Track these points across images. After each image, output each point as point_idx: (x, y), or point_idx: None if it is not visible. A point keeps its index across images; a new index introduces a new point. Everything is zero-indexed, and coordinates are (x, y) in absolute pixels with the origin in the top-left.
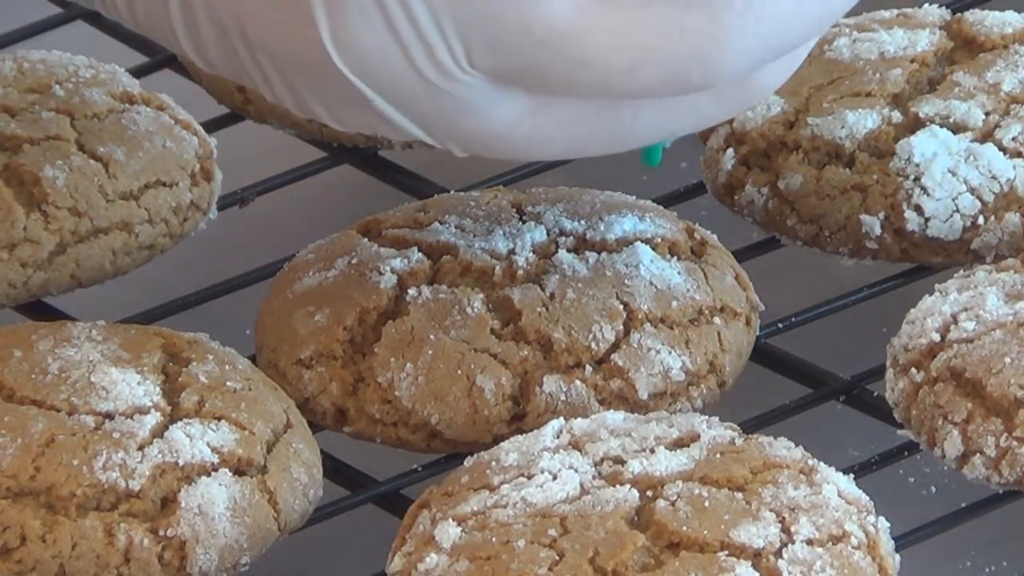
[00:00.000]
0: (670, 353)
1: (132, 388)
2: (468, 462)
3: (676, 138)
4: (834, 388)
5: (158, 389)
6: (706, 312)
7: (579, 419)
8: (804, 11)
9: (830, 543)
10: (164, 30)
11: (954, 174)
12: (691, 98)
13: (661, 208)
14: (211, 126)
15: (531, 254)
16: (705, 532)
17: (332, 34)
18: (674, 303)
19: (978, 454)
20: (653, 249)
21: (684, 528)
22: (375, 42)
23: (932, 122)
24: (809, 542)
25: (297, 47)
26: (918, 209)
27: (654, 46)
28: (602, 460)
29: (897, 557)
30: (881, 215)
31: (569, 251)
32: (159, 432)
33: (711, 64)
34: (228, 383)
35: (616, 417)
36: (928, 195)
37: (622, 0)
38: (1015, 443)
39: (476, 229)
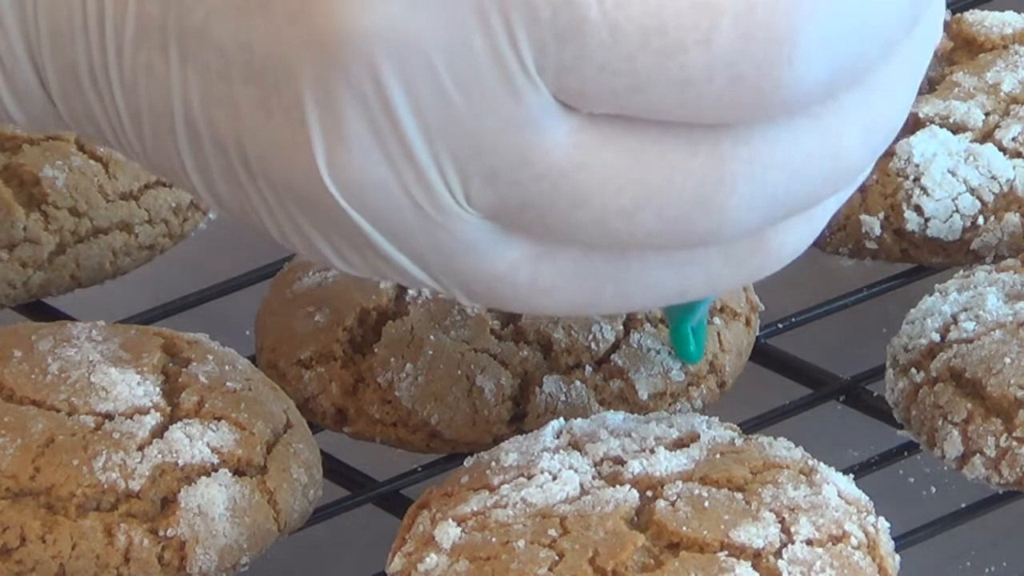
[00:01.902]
0: (670, 353)
1: (132, 388)
2: (468, 462)
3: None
4: (834, 388)
5: (158, 389)
6: (706, 313)
7: (579, 419)
8: (814, 166)
9: (830, 543)
10: (175, 165)
11: (954, 174)
12: (702, 256)
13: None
14: None
15: None
16: (705, 532)
17: (328, 162)
18: None
19: (978, 454)
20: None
21: (684, 528)
22: (371, 173)
23: (932, 122)
24: (809, 542)
25: (295, 174)
26: (918, 209)
27: (655, 188)
28: (602, 460)
29: (897, 557)
30: (881, 215)
31: None
32: (159, 432)
33: (715, 212)
34: (228, 383)
35: (616, 417)
36: (928, 195)
37: (623, 139)
38: (1015, 443)
39: None
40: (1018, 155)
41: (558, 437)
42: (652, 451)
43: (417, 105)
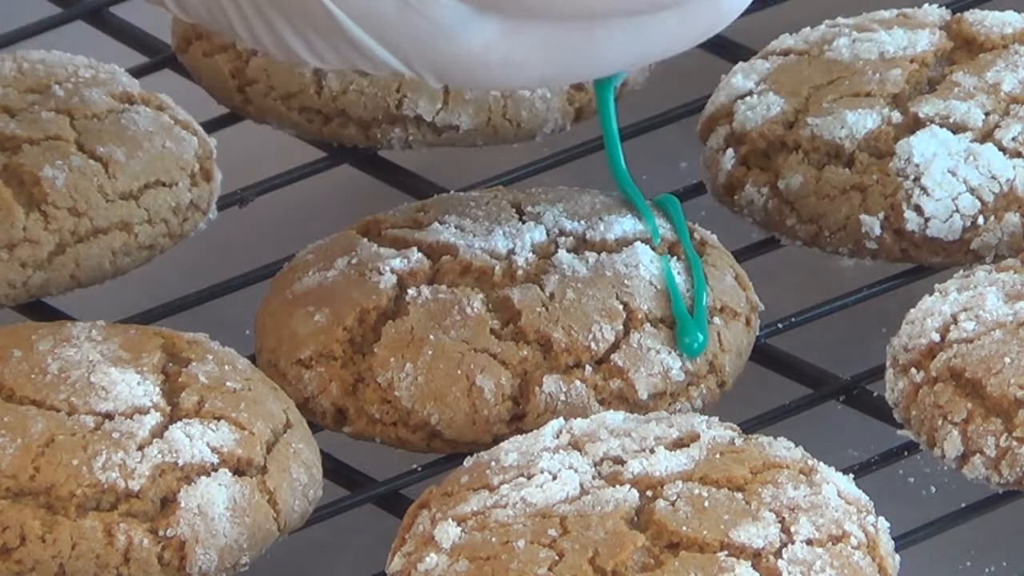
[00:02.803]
0: (670, 353)
1: (132, 388)
2: (468, 462)
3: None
4: (834, 388)
5: (158, 389)
6: (706, 312)
7: (579, 419)
8: None
9: (830, 543)
10: None
11: (954, 174)
12: (661, 19)
13: (661, 208)
14: (211, 126)
15: (531, 254)
16: (705, 532)
17: None
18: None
19: (978, 454)
20: (653, 249)
21: (684, 528)
22: None
23: (932, 122)
24: (809, 542)
25: None
26: (918, 209)
27: None
28: (602, 460)
29: (897, 557)
30: (881, 215)
31: (569, 251)
32: (159, 432)
33: None
34: (228, 383)
35: (616, 417)
36: (928, 195)
37: None
38: (1015, 443)
39: (476, 229)
40: (1018, 155)
41: (558, 437)
42: (652, 451)
43: None
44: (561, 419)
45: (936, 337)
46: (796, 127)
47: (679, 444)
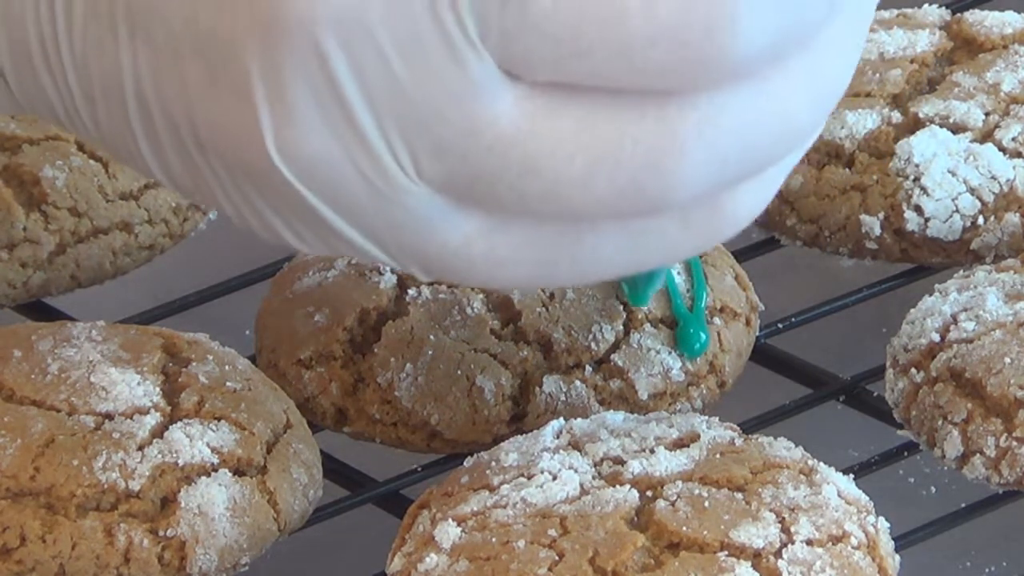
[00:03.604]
0: (670, 353)
1: (132, 388)
2: (468, 462)
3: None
4: (834, 388)
5: (158, 389)
6: (706, 312)
7: (579, 419)
8: (764, 128)
9: (830, 543)
10: (129, 144)
11: (954, 174)
12: (658, 224)
13: None
14: None
15: None
16: (705, 532)
17: (275, 138)
18: None
19: (978, 454)
20: None
21: (684, 528)
22: (319, 148)
23: (932, 122)
24: (809, 542)
25: (244, 152)
26: (918, 209)
27: (606, 155)
28: (602, 460)
29: (897, 557)
30: (881, 215)
31: None
32: (159, 432)
33: (667, 177)
34: (228, 383)
35: (616, 417)
36: (928, 195)
37: (571, 107)
38: (1015, 443)
39: None
40: (1018, 155)
41: (558, 437)
42: (652, 451)
43: (362, 78)
44: (561, 419)
45: (936, 337)
46: None
47: (679, 444)
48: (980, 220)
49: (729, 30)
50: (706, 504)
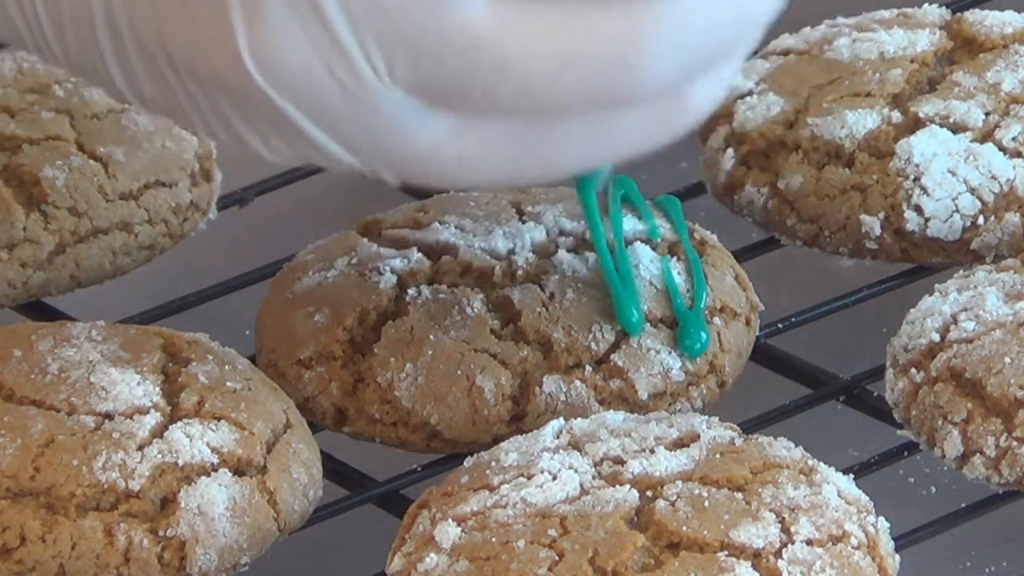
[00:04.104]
0: (670, 353)
1: (132, 388)
2: (468, 462)
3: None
4: (834, 388)
5: (158, 389)
6: (706, 312)
7: (579, 419)
8: (722, 16)
9: (830, 543)
10: (97, 66)
11: (954, 174)
12: (622, 117)
13: (660, 208)
14: None
15: (531, 254)
16: (705, 532)
17: (250, 45)
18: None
19: (978, 454)
20: (653, 249)
21: (684, 528)
22: (294, 54)
23: (932, 122)
24: (809, 542)
25: (218, 62)
26: (918, 209)
27: (576, 52)
28: (602, 460)
29: (897, 557)
30: (881, 215)
31: (569, 251)
32: (159, 432)
33: (633, 69)
34: (228, 383)
35: (616, 417)
36: (928, 195)
37: (540, 7)
38: (1015, 443)
39: (476, 229)
40: (1018, 155)
41: (558, 437)
42: (652, 451)
43: None
44: (561, 419)
45: (936, 337)
46: (796, 127)
47: (679, 444)
48: (980, 220)
49: None
50: (706, 504)
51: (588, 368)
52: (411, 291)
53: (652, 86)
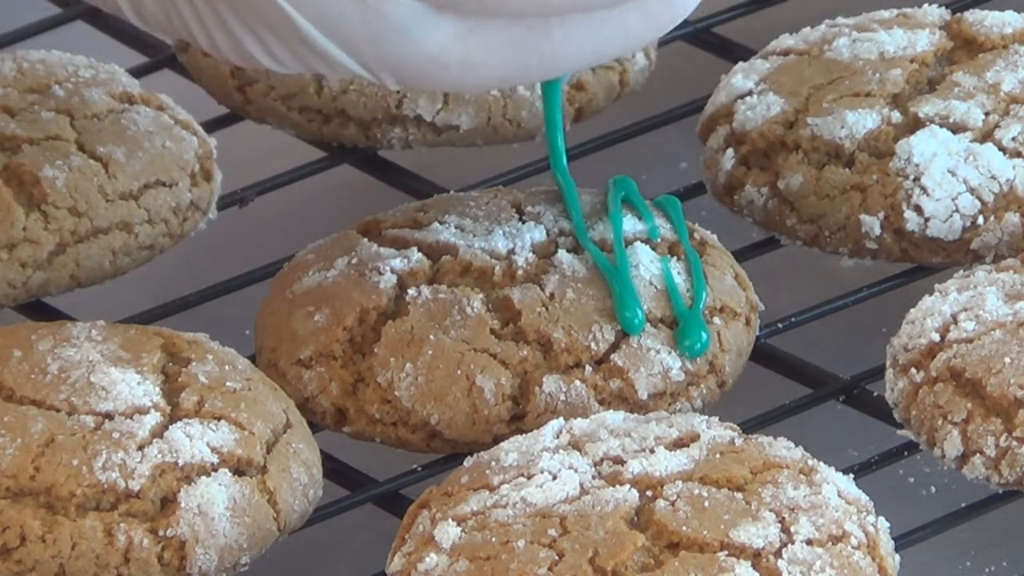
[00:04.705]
0: (670, 353)
1: (132, 388)
2: (468, 462)
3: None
4: (834, 388)
5: (158, 389)
6: (706, 312)
7: (579, 419)
8: None
9: (830, 543)
10: None
11: (954, 174)
12: (619, 14)
13: (660, 208)
14: (211, 126)
15: (531, 254)
16: (705, 532)
17: None
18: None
19: (978, 454)
20: (653, 249)
21: (684, 528)
22: None
23: (932, 122)
24: (809, 542)
25: None
26: (918, 209)
27: None
28: (602, 460)
29: (897, 557)
30: (881, 215)
31: (569, 251)
32: (159, 432)
33: None
34: (228, 383)
35: (616, 417)
36: (928, 195)
37: None
38: (1015, 443)
39: (476, 229)
40: (1018, 155)
41: (558, 437)
42: (652, 451)
43: None
44: (561, 419)
45: (936, 337)
46: (796, 127)
47: (679, 444)
48: (980, 220)
49: None
50: (706, 504)
51: (588, 368)
52: (411, 291)
53: None
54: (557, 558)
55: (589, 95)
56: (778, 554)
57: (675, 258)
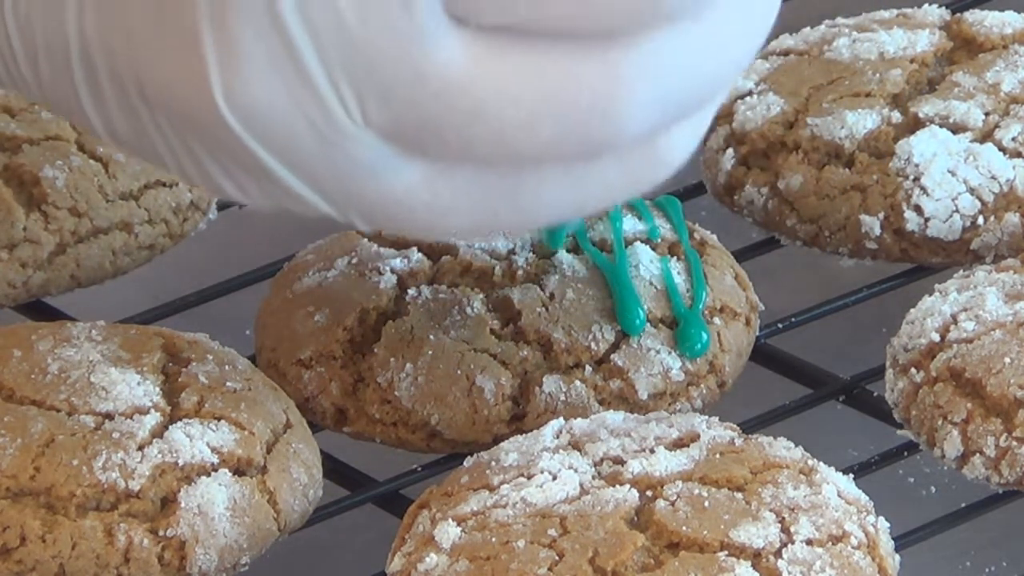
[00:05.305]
0: (670, 353)
1: (132, 388)
2: (468, 462)
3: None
4: (834, 388)
5: (158, 389)
6: (706, 312)
7: (579, 419)
8: (701, 65)
9: (830, 543)
10: (71, 99)
11: (954, 174)
12: (598, 167)
13: (660, 208)
14: None
15: (531, 254)
16: (705, 532)
17: (223, 86)
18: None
19: (978, 454)
20: (653, 249)
21: (684, 528)
22: (266, 95)
23: (932, 122)
24: (809, 542)
25: (190, 101)
26: (918, 209)
27: (551, 97)
28: (602, 460)
29: (897, 557)
30: (881, 215)
31: (569, 251)
32: (159, 432)
33: (612, 118)
34: (228, 383)
35: (616, 417)
36: (928, 195)
37: (516, 51)
38: (1015, 443)
39: None
40: (1018, 155)
41: (558, 437)
42: (652, 451)
43: (311, 25)
44: (561, 419)
45: (936, 337)
46: (796, 127)
47: (679, 444)
48: (980, 220)
49: None
50: (706, 504)
51: (588, 368)
52: (411, 291)
53: (628, 136)
54: (557, 558)
55: None
56: (778, 554)
57: (675, 258)
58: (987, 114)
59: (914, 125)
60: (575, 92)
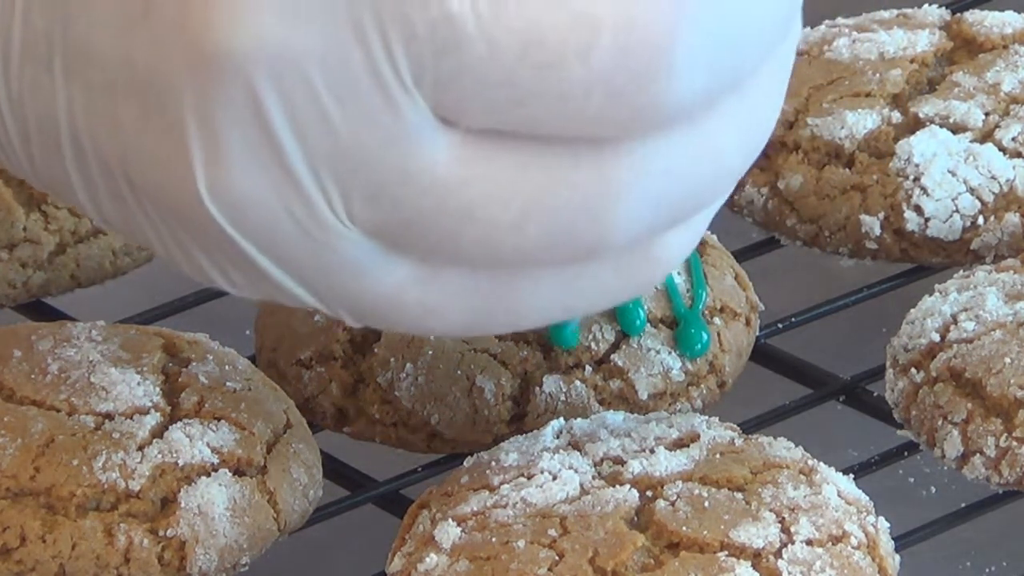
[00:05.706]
0: (670, 353)
1: (132, 388)
2: (468, 462)
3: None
4: (834, 388)
5: (158, 389)
6: (706, 312)
7: (579, 419)
8: (696, 171)
9: (830, 543)
10: (63, 183)
11: (954, 174)
12: (592, 270)
13: None
14: None
15: None
16: (705, 532)
17: (207, 181)
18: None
19: (978, 454)
20: None
21: (684, 528)
22: (251, 191)
23: (932, 122)
24: (809, 542)
25: (176, 195)
26: (918, 209)
27: (540, 200)
28: (602, 460)
29: (897, 557)
30: (881, 215)
31: None
32: (159, 432)
33: (603, 222)
34: (228, 383)
35: (616, 417)
36: (928, 195)
37: (505, 153)
38: (1015, 443)
39: None
40: (1018, 155)
41: (558, 437)
42: (652, 451)
43: (296, 122)
44: (561, 419)
45: (936, 337)
46: (796, 127)
47: (679, 444)
48: (980, 220)
49: (665, 79)
50: (706, 504)
51: (588, 368)
52: None
53: (621, 240)
54: (557, 558)
55: None
56: (778, 554)
57: None
58: (987, 114)
59: (914, 125)
60: (565, 195)
